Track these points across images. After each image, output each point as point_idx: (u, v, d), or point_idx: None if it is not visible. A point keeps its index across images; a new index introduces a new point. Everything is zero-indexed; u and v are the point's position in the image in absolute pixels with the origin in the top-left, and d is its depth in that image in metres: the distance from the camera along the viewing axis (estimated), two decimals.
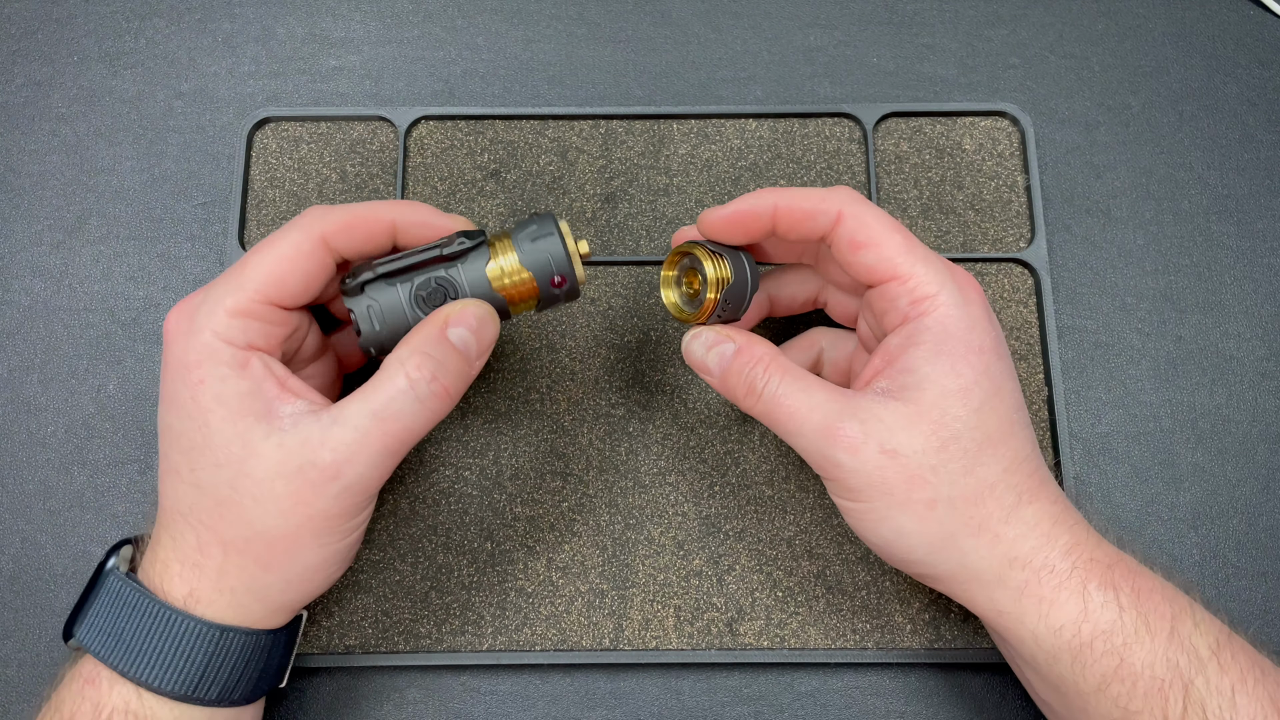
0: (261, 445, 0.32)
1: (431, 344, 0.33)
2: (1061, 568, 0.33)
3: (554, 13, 0.51)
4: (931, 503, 0.33)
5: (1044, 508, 0.34)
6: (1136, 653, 0.32)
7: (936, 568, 0.34)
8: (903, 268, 0.34)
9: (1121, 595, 0.33)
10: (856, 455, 0.33)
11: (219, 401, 0.32)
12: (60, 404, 0.44)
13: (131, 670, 0.32)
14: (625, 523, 0.43)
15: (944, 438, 0.33)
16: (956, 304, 0.34)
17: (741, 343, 0.36)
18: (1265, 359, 0.45)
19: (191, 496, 0.32)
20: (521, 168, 0.47)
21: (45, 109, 0.49)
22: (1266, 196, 0.47)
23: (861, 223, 0.35)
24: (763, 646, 0.41)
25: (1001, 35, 0.50)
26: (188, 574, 0.33)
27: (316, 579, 0.34)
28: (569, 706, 0.41)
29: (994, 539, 0.33)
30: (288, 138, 0.48)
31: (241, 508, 0.32)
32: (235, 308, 0.33)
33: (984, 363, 0.34)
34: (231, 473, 0.32)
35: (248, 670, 0.33)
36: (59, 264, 0.46)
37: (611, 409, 0.44)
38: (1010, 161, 0.48)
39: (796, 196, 0.35)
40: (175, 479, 0.33)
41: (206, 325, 0.33)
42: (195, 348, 0.32)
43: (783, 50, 0.50)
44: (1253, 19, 0.50)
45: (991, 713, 0.41)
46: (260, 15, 0.50)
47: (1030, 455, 0.35)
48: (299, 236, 0.34)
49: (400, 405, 0.32)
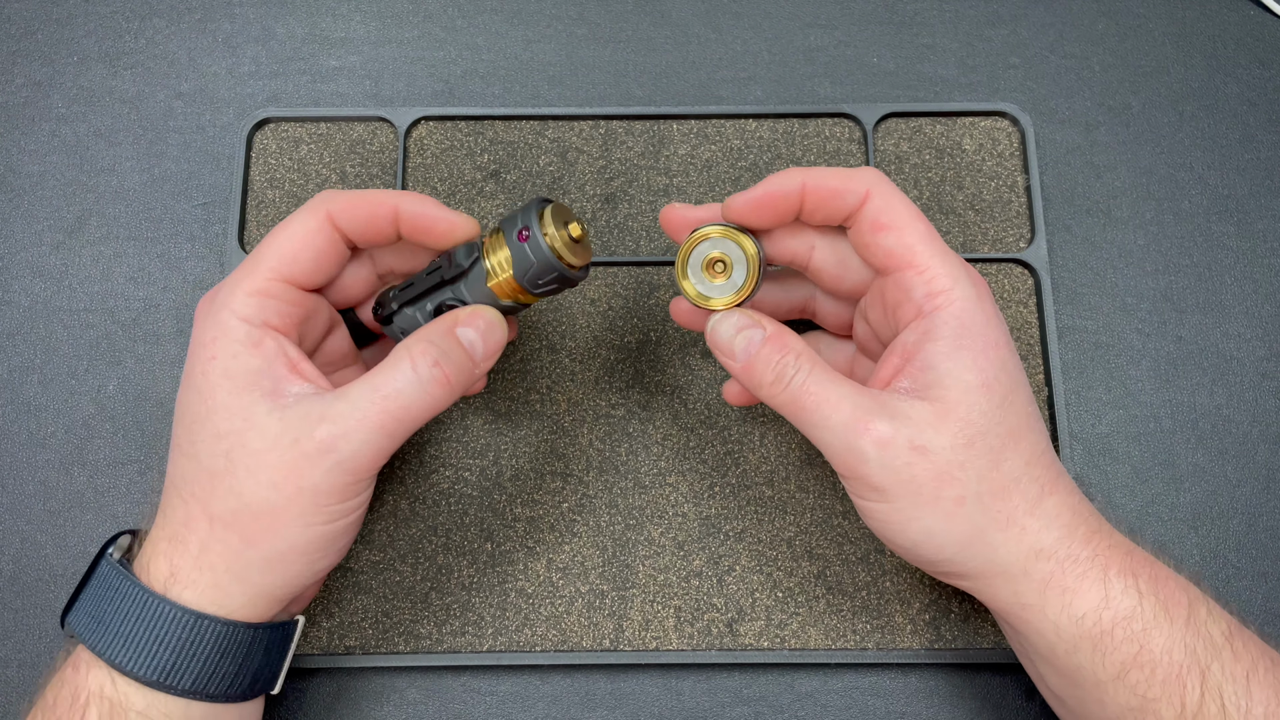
0: (263, 419, 0.32)
1: (437, 335, 0.34)
2: (1083, 556, 0.33)
3: (554, 13, 0.51)
4: (960, 499, 0.33)
5: (1064, 499, 0.34)
6: (1155, 639, 0.32)
7: (965, 565, 0.34)
8: (921, 257, 0.34)
9: (1141, 581, 0.33)
10: (885, 451, 0.33)
11: (227, 375, 0.33)
12: (60, 404, 0.44)
13: (107, 653, 0.32)
14: (625, 523, 0.43)
15: (970, 434, 0.33)
16: (972, 299, 0.34)
17: (772, 330, 0.35)
18: (1265, 359, 0.45)
19: (188, 469, 0.33)
20: (521, 168, 0.47)
21: (45, 109, 0.49)
22: (1266, 196, 0.47)
23: (888, 203, 0.34)
24: (763, 647, 0.41)
25: (1001, 35, 0.50)
26: (172, 551, 0.33)
27: (299, 564, 0.33)
28: (569, 707, 0.41)
29: (1021, 532, 0.33)
30: (288, 138, 0.48)
31: (234, 479, 0.32)
32: (252, 287, 0.34)
33: (1001, 357, 0.34)
34: (229, 444, 0.32)
35: (224, 664, 0.33)
36: (59, 264, 0.46)
37: (611, 409, 0.44)
38: (1010, 161, 0.48)
39: (825, 175, 0.35)
40: (177, 453, 0.34)
41: (225, 305, 0.34)
42: (211, 326, 0.33)
43: (783, 50, 0.50)
44: (1253, 19, 0.50)
45: (992, 713, 0.41)
46: (260, 15, 0.50)
47: (1047, 448, 0.35)
48: (307, 216, 0.35)
49: (400, 385, 0.33)
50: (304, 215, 0.35)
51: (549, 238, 0.35)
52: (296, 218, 0.35)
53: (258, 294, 0.34)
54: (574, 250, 0.36)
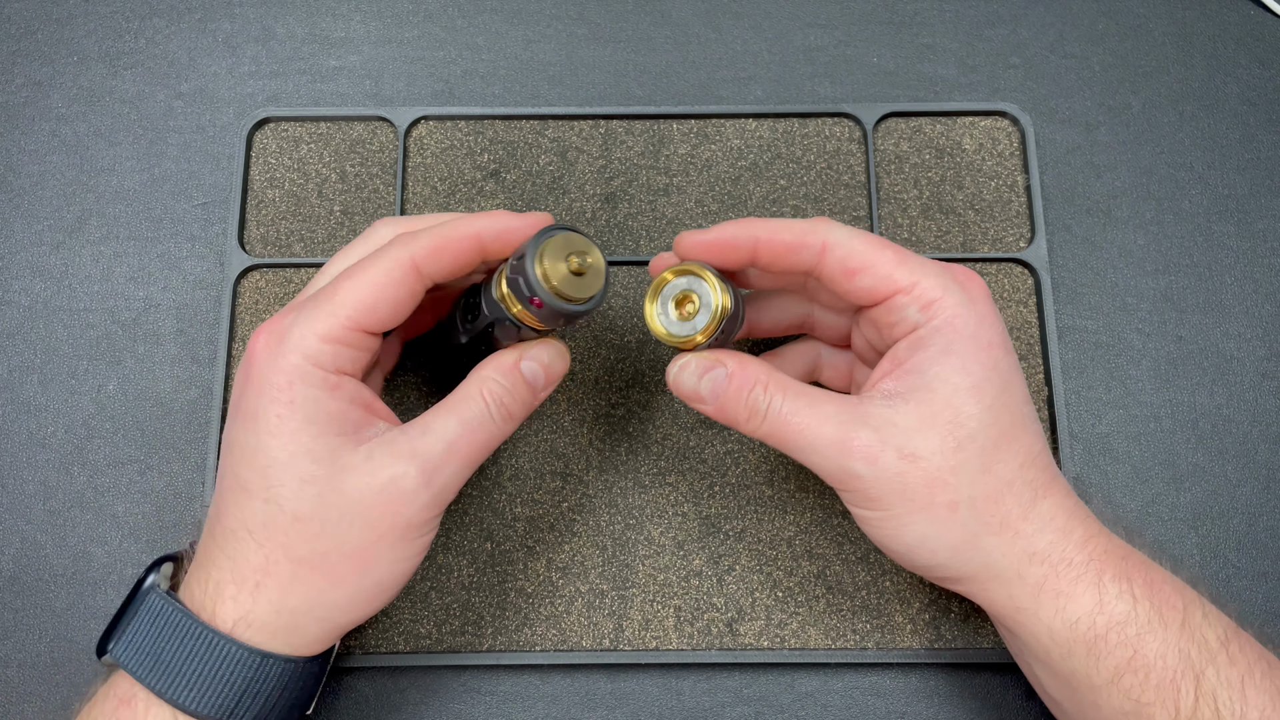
0: (350, 460, 0.32)
1: (504, 373, 0.35)
2: (1078, 560, 0.33)
3: (554, 13, 0.51)
4: (953, 504, 0.33)
5: (1059, 501, 0.34)
6: (1149, 643, 0.32)
7: (959, 569, 0.34)
8: (903, 280, 0.34)
9: (1135, 586, 0.33)
10: (875, 464, 0.33)
11: (310, 421, 0.32)
12: (60, 404, 0.44)
13: (170, 692, 0.32)
14: (625, 523, 0.43)
15: (960, 437, 0.33)
16: (962, 303, 0.34)
17: (733, 366, 0.34)
18: (1266, 359, 0.45)
19: (265, 513, 0.32)
20: (521, 168, 0.47)
21: (45, 109, 0.49)
22: (1267, 196, 0.47)
23: (850, 249, 0.34)
24: (763, 646, 0.41)
25: (1001, 35, 0.50)
26: (244, 596, 0.32)
27: (380, 598, 0.34)
28: (569, 707, 0.41)
29: (1014, 535, 0.33)
30: (287, 138, 0.48)
31: (324, 522, 0.32)
32: (327, 334, 0.33)
33: (993, 358, 0.33)
34: (319, 489, 0.32)
35: (282, 698, 0.33)
36: (59, 264, 0.46)
37: (611, 409, 0.44)
38: (1010, 161, 0.48)
39: (779, 229, 0.35)
40: (244, 496, 0.32)
41: (297, 348, 0.32)
42: (285, 369, 0.32)
43: (783, 50, 0.50)
44: (1253, 19, 0.50)
45: (992, 713, 0.41)
46: (260, 15, 0.50)
47: (1042, 450, 0.35)
48: (390, 265, 0.33)
49: (481, 419, 0.34)
50: (385, 263, 0.33)
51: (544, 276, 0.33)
52: (378, 264, 0.33)
53: (332, 341, 0.33)
54: (574, 284, 0.34)
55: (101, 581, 0.42)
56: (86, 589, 0.42)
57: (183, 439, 0.44)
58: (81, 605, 0.42)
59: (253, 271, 0.46)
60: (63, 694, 0.41)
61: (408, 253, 0.34)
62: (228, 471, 0.33)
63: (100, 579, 0.42)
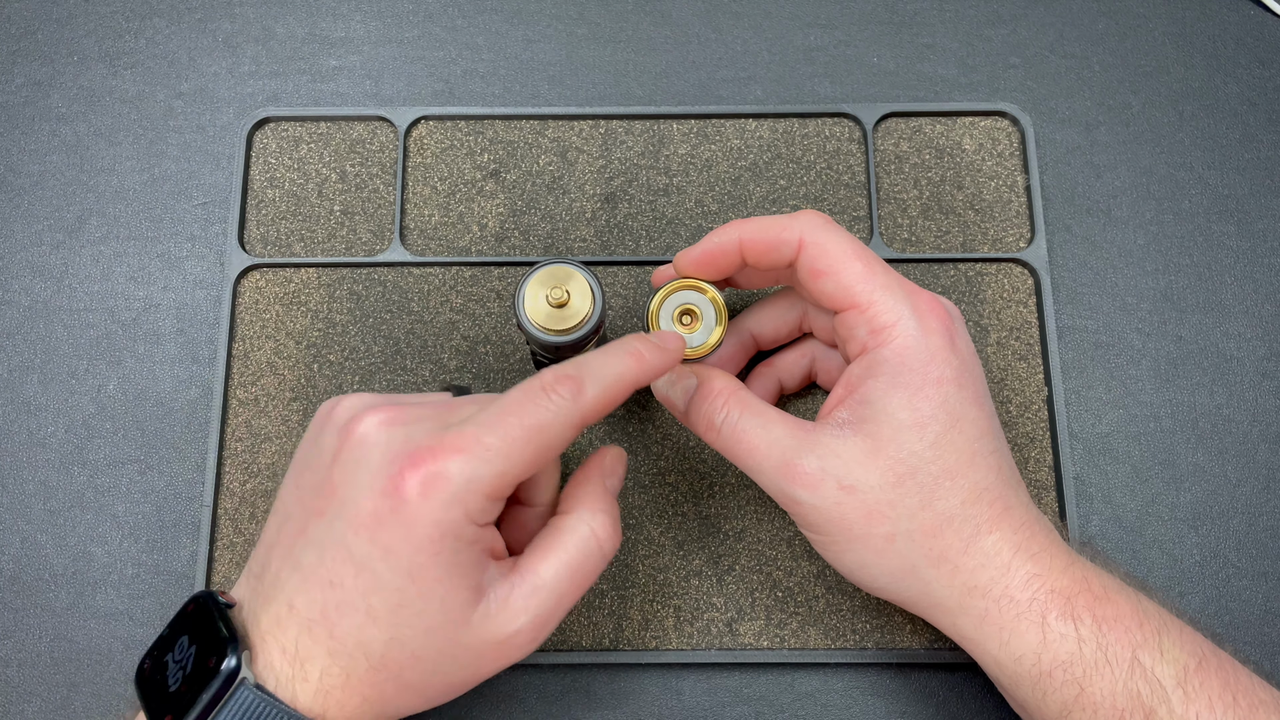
0: (472, 615, 0.31)
1: (603, 502, 0.34)
2: (1021, 598, 0.33)
3: (554, 13, 0.51)
4: (890, 536, 0.33)
5: (1005, 537, 0.34)
6: (1096, 683, 0.32)
7: (902, 595, 0.35)
8: (861, 296, 0.34)
9: (1082, 626, 0.32)
10: (815, 492, 0.34)
11: (449, 573, 0.31)
12: (60, 404, 0.44)
13: None
14: (625, 523, 0.43)
15: (900, 473, 0.33)
16: (914, 334, 0.34)
17: (702, 378, 0.36)
18: (1265, 359, 0.45)
19: (386, 647, 0.31)
20: (521, 168, 0.47)
21: (45, 109, 0.49)
22: (1266, 196, 0.47)
23: (822, 250, 0.35)
24: (763, 646, 0.41)
25: (1001, 35, 0.50)
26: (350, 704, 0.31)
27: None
28: (569, 706, 0.41)
29: (953, 570, 0.34)
30: (287, 138, 0.48)
31: (438, 663, 0.31)
32: (493, 492, 0.31)
33: (942, 394, 0.34)
34: (441, 639, 0.31)
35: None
36: (59, 264, 0.46)
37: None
38: (1010, 161, 0.48)
39: (760, 227, 0.35)
40: (370, 624, 0.31)
41: (462, 501, 0.30)
42: (441, 522, 0.30)
43: (783, 50, 0.50)
44: (1253, 19, 0.50)
45: (992, 713, 0.41)
46: (260, 15, 0.50)
47: (993, 484, 0.34)
48: (563, 426, 0.32)
49: (589, 558, 0.33)
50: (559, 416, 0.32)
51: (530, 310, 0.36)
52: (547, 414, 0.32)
53: (494, 498, 0.31)
54: (553, 317, 0.35)
55: (101, 581, 0.42)
56: (86, 589, 0.42)
57: (183, 439, 0.44)
58: (81, 605, 0.42)
59: (253, 271, 0.46)
60: (62, 694, 0.41)
61: (579, 411, 0.32)
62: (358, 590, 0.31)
63: (100, 579, 0.42)
